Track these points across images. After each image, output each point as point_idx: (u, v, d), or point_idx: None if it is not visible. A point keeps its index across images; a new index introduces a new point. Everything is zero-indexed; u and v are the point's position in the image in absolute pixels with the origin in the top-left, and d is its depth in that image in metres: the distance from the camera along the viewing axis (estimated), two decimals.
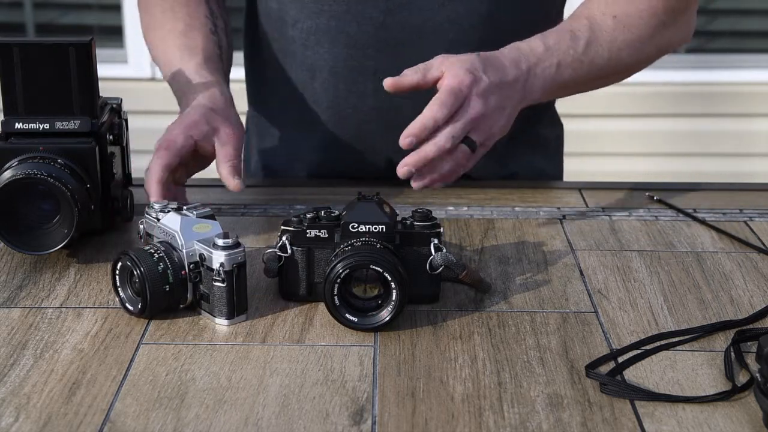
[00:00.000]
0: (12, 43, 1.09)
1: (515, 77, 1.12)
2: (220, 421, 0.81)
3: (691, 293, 1.04)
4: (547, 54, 1.15)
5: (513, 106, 1.13)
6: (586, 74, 1.21)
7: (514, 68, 1.12)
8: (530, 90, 1.14)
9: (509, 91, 1.11)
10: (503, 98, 1.10)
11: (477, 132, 1.09)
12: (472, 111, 1.07)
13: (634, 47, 1.23)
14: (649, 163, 3.39)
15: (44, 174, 1.05)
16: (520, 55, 1.14)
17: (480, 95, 1.07)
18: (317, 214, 1.00)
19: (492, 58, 1.12)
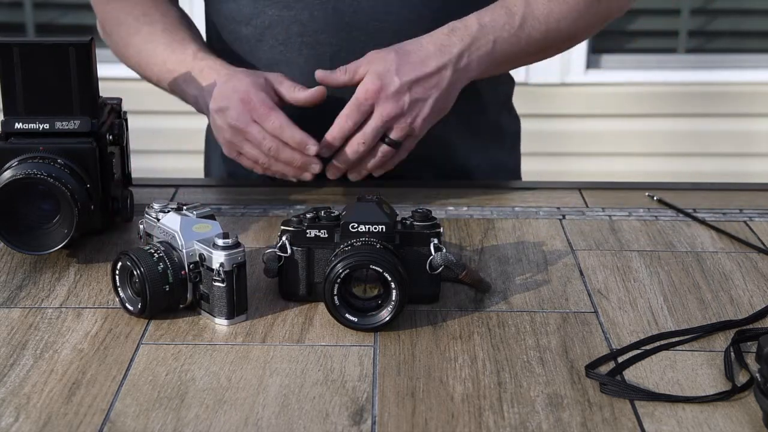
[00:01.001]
0: (12, 43, 1.09)
1: (440, 65, 1.18)
2: (220, 421, 0.81)
3: (691, 293, 1.04)
4: (482, 32, 1.20)
5: (441, 92, 1.19)
6: (523, 49, 1.24)
7: (439, 56, 1.18)
8: (464, 70, 1.20)
9: (431, 81, 1.18)
10: (423, 91, 1.18)
11: (395, 130, 1.19)
12: (383, 114, 1.17)
13: (571, 18, 1.25)
14: (649, 163, 3.39)
15: (44, 174, 1.05)
16: (453, 36, 1.19)
17: (390, 98, 1.17)
18: (317, 214, 1.00)
19: (413, 51, 1.18)
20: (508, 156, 1.49)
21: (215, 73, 1.24)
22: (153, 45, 1.30)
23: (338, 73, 1.21)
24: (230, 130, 1.20)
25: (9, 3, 3.43)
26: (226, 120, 1.19)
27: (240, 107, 1.18)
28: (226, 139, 1.22)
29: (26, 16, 3.39)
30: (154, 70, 1.30)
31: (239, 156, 1.23)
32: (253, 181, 1.38)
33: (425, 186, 1.35)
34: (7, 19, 3.44)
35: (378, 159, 1.22)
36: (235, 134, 1.20)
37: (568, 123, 3.36)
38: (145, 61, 1.31)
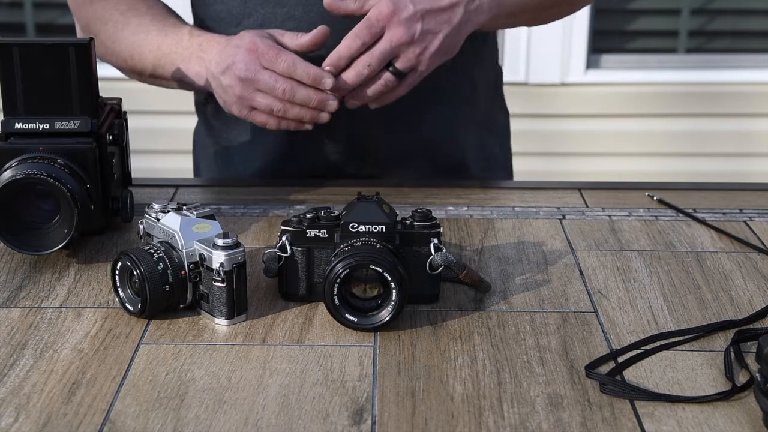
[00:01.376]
0: (12, 43, 1.09)
1: (452, 2, 1.18)
2: (220, 421, 0.81)
3: (691, 293, 1.04)
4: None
5: (453, 29, 1.18)
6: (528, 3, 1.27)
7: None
8: (476, 12, 1.20)
9: (444, 15, 1.17)
10: (435, 24, 1.17)
11: (402, 59, 1.17)
12: (392, 39, 1.15)
13: None
14: (649, 163, 3.39)
15: (44, 174, 1.05)
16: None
17: (402, 23, 1.15)
18: (317, 214, 1.00)
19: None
20: (499, 148, 1.51)
21: (215, 42, 1.22)
22: (144, 34, 1.29)
23: (348, 1, 1.18)
24: (240, 84, 1.17)
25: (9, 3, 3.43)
26: (234, 74, 1.17)
27: (247, 57, 1.16)
28: (236, 95, 1.18)
29: (26, 16, 3.39)
30: (149, 58, 1.28)
31: (251, 112, 1.19)
32: (253, 181, 1.38)
33: (425, 186, 1.35)
34: (7, 19, 3.44)
35: (379, 87, 1.19)
36: (245, 86, 1.17)
37: (568, 123, 3.36)
38: (138, 51, 1.29)
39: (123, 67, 1.34)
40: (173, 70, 1.27)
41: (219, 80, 1.20)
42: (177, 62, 1.25)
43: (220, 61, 1.19)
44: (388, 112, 1.27)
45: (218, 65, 1.19)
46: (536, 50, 3.29)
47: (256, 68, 1.15)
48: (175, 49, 1.25)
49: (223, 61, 1.18)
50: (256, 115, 1.19)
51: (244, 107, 1.19)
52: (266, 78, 1.15)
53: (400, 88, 1.21)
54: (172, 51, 1.26)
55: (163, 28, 1.28)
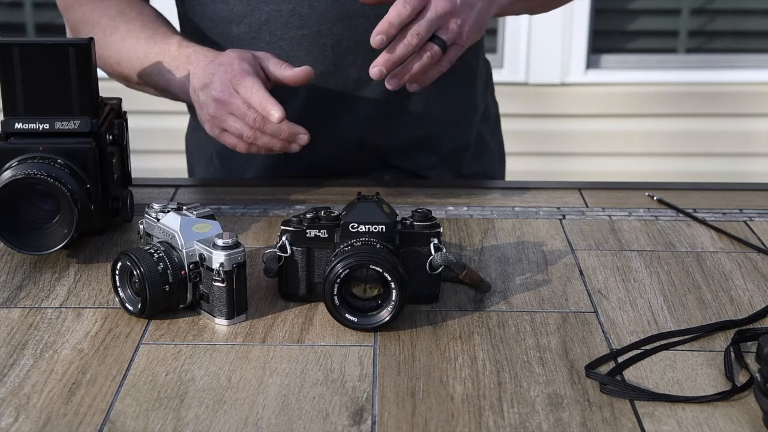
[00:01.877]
0: (12, 43, 1.09)
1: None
2: (220, 421, 0.81)
3: (690, 293, 1.04)
4: None
5: (485, 3, 1.18)
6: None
7: None
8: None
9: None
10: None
11: (445, 30, 1.14)
12: (437, 8, 1.13)
13: None
14: (649, 163, 3.39)
15: (44, 174, 1.05)
16: None
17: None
18: (317, 214, 1.00)
19: None
20: (491, 135, 1.52)
21: (202, 56, 1.22)
22: (133, 40, 1.28)
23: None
24: (213, 104, 1.16)
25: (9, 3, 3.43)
26: (210, 93, 1.16)
27: (223, 78, 1.15)
28: (209, 114, 1.17)
29: (26, 16, 3.39)
30: (135, 65, 1.28)
31: (222, 133, 1.18)
32: (253, 181, 1.38)
33: (425, 186, 1.35)
34: (7, 19, 3.44)
35: (425, 60, 1.14)
36: (219, 107, 1.16)
37: (568, 123, 3.36)
38: (126, 57, 1.29)
39: (110, 72, 1.34)
40: (159, 80, 1.26)
41: (198, 96, 1.19)
42: (163, 72, 1.25)
43: (201, 77, 1.18)
44: (393, 106, 1.27)
45: (199, 81, 1.18)
46: (536, 50, 3.29)
47: (230, 91, 1.14)
48: (162, 58, 1.25)
49: (204, 78, 1.18)
50: (227, 137, 1.18)
51: (216, 127, 1.18)
52: (239, 103, 1.14)
53: (442, 63, 1.17)
54: (159, 59, 1.25)
55: (152, 36, 1.27)
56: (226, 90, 1.14)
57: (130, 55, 1.28)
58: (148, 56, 1.26)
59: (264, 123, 1.14)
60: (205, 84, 1.17)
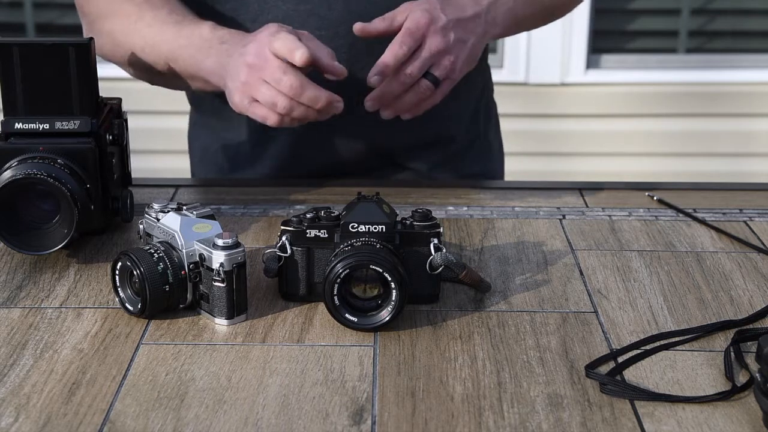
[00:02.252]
0: (12, 43, 1.09)
1: (475, 13, 1.22)
2: (220, 421, 0.81)
3: (691, 293, 1.04)
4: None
5: (477, 38, 1.23)
6: (536, 10, 1.33)
7: (473, 5, 1.23)
8: (492, 23, 1.25)
9: (470, 25, 1.22)
10: (464, 32, 1.21)
11: (438, 67, 1.19)
12: (431, 47, 1.18)
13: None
14: (649, 163, 3.39)
15: (44, 174, 1.05)
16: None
17: (438, 32, 1.18)
18: (317, 214, 1.00)
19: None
20: (494, 134, 1.54)
21: (238, 35, 1.17)
22: (160, 25, 1.24)
23: (376, 22, 1.20)
24: (246, 69, 1.10)
25: (9, 3, 3.43)
26: (243, 59, 1.11)
27: (259, 42, 1.10)
28: (240, 81, 1.11)
29: (26, 16, 3.39)
30: (164, 49, 1.23)
31: (252, 104, 1.12)
32: (253, 181, 1.38)
33: (425, 186, 1.35)
34: (7, 19, 3.43)
35: (418, 95, 1.20)
36: (251, 73, 1.10)
37: (568, 123, 3.36)
38: (152, 43, 1.24)
39: (134, 61, 1.28)
40: (188, 63, 1.22)
41: (229, 67, 1.14)
42: (194, 54, 1.20)
43: (236, 48, 1.14)
44: None
45: (234, 48, 1.14)
46: (536, 50, 3.29)
47: (266, 55, 1.09)
48: (193, 41, 1.20)
49: (239, 44, 1.14)
50: (257, 108, 1.12)
51: (246, 96, 1.12)
52: (274, 67, 1.09)
53: (435, 96, 1.22)
54: (189, 43, 1.20)
55: (180, 21, 1.24)
56: (261, 54, 1.09)
57: (157, 39, 1.24)
58: (177, 39, 1.22)
59: (301, 91, 1.09)
60: (240, 52, 1.13)
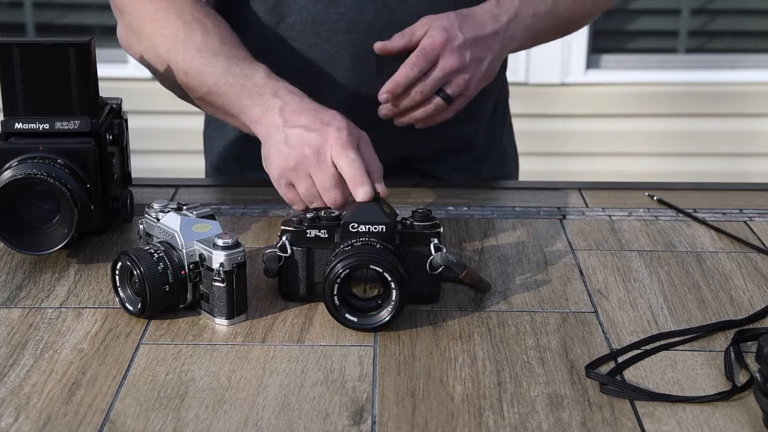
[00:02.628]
0: (12, 43, 1.09)
1: (494, 30, 1.23)
2: (220, 421, 0.81)
3: (691, 293, 1.04)
4: (524, 6, 1.27)
5: (494, 56, 1.25)
6: (555, 25, 1.34)
7: (492, 22, 1.24)
8: (510, 39, 1.26)
9: (488, 43, 1.23)
10: (481, 50, 1.23)
11: (452, 85, 1.22)
12: (445, 67, 1.20)
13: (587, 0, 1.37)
14: (649, 163, 3.39)
15: (44, 174, 1.05)
16: (500, 8, 1.25)
17: (454, 51, 1.20)
18: (317, 214, 1.00)
19: (470, 15, 1.23)
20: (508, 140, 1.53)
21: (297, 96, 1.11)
22: (210, 55, 1.17)
23: (395, 39, 1.23)
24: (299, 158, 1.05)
25: (9, 3, 3.43)
26: (302, 149, 1.05)
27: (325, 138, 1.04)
28: (288, 165, 1.06)
29: (26, 16, 3.39)
30: (208, 81, 1.17)
31: (288, 187, 1.08)
32: (253, 181, 1.38)
33: (425, 186, 1.35)
34: (7, 19, 3.43)
35: (429, 110, 1.23)
36: (301, 163, 1.05)
37: (568, 123, 3.36)
38: (197, 70, 1.18)
39: (170, 78, 1.22)
40: (232, 103, 1.15)
41: (279, 136, 1.07)
42: (241, 97, 1.14)
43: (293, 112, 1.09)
44: None
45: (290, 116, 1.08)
46: (536, 50, 3.27)
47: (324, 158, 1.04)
48: (244, 83, 1.14)
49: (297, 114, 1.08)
50: (289, 192, 1.09)
51: (285, 178, 1.08)
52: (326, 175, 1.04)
53: (448, 111, 1.25)
54: (238, 83, 1.14)
55: (233, 55, 1.17)
56: (321, 154, 1.04)
57: (204, 69, 1.17)
58: (225, 76, 1.15)
59: (338, 206, 1.05)
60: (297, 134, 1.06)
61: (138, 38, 1.25)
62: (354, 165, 1.02)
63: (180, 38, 1.20)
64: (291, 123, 1.07)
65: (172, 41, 1.20)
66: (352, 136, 1.05)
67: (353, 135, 1.05)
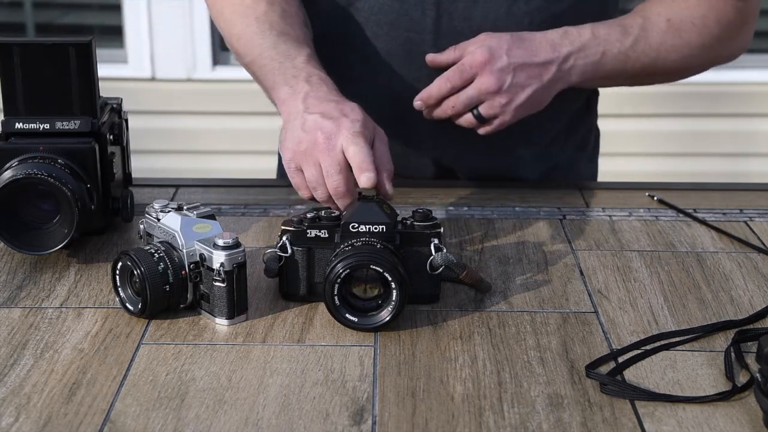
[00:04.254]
0: (12, 43, 1.09)
1: (548, 60, 1.20)
2: (220, 421, 0.81)
3: (691, 293, 1.04)
4: (594, 42, 1.23)
5: (541, 86, 1.21)
6: (627, 70, 1.27)
7: (549, 51, 1.21)
8: (567, 73, 1.22)
9: (536, 71, 1.20)
10: (527, 77, 1.20)
11: (486, 106, 1.21)
12: (480, 87, 1.19)
13: (681, 53, 1.27)
14: (649, 163, 3.39)
15: (44, 174, 1.05)
16: (565, 39, 1.22)
17: (493, 73, 1.19)
18: (317, 214, 1.00)
19: (527, 39, 1.21)
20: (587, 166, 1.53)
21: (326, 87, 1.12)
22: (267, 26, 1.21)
23: (447, 52, 1.22)
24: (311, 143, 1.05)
25: (9, 3, 3.43)
26: (315, 134, 1.05)
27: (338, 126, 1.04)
28: (299, 148, 1.06)
29: (26, 16, 3.39)
30: (254, 51, 1.20)
31: (296, 171, 1.08)
32: (253, 181, 1.38)
33: (425, 186, 1.35)
34: (7, 19, 3.44)
35: (462, 124, 1.24)
36: (311, 148, 1.05)
37: None
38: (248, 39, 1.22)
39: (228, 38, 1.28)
40: (267, 77, 1.17)
41: (298, 119, 1.08)
42: (276, 74, 1.15)
43: (316, 100, 1.09)
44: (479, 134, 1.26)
45: (312, 102, 1.09)
46: None
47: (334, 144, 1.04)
48: (284, 61, 1.16)
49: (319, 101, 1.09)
50: (296, 176, 1.08)
51: (294, 161, 1.08)
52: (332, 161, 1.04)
53: (486, 129, 1.24)
54: (278, 60, 1.16)
55: (285, 33, 1.20)
56: (331, 140, 1.04)
57: (255, 39, 1.21)
58: (270, 50, 1.18)
59: (342, 195, 1.04)
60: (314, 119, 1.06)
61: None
62: (361, 152, 1.02)
63: (245, 3, 1.25)
64: (311, 110, 1.08)
65: (239, 5, 1.25)
66: (367, 128, 1.06)
67: (368, 128, 1.06)
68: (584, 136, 1.46)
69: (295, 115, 1.09)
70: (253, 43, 1.21)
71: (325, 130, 1.04)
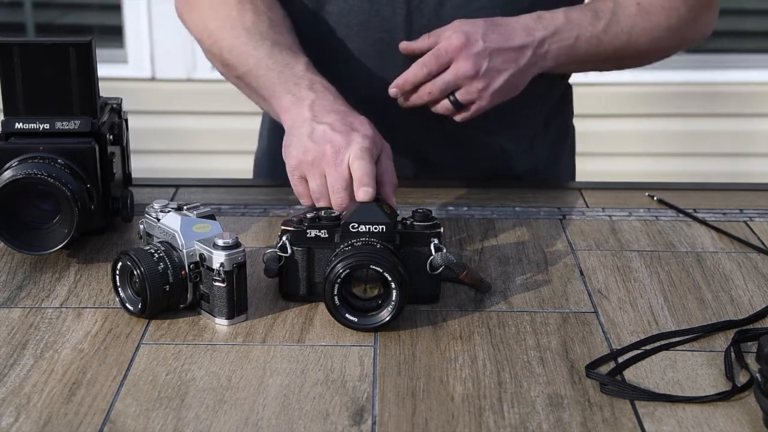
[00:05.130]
0: (12, 43, 1.09)
1: (523, 44, 1.20)
2: (220, 421, 0.81)
3: (691, 293, 1.04)
4: (567, 26, 1.23)
5: (518, 70, 1.20)
6: (602, 53, 1.27)
7: (524, 35, 1.20)
8: (542, 57, 1.22)
9: (512, 56, 1.19)
10: (503, 62, 1.19)
11: (463, 91, 1.19)
12: (457, 72, 1.18)
13: (651, 35, 1.29)
14: (649, 163, 3.38)
15: (44, 174, 1.05)
16: (539, 23, 1.22)
17: (469, 58, 1.17)
18: (317, 214, 1.00)
19: (501, 24, 1.20)
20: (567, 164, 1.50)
21: (330, 95, 1.12)
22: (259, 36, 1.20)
23: (422, 39, 1.21)
24: (318, 154, 1.04)
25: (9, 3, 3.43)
26: (324, 146, 1.04)
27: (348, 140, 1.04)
28: (306, 158, 1.05)
29: (26, 16, 3.39)
30: (249, 62, 1.19)
31: (300, 180, 1.07)
32: (253, 181, 1.38)
33: (425, 186, 1.35)
34: (7, 19, 3.44)
35: (439, 110, 1.22)
36: (318, 160, 1.04)
37: None
38: (240, 51, 1.21)
39: (213, 53, 1.26)
40: (265, 87, 1.17)
41: (303, 129, 1.07)
42: (276, 83, 1.15)
43: (322, 110, 1.09)
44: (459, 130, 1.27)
45: (318, 113, 1.08)
46: None
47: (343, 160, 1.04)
48: (283, 71, 1.15)
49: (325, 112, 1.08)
50: (300, 184, 1.08)
51: (299, 170, 1.07)
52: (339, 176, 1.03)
53: (462, 115, 1.22)
54: (277, 69, 1.16)
55: (279, 42, 1.20)
56: (339, 154, 1.03)
57: (247, 50, 1.20)
58: (266, 60, 1.18)
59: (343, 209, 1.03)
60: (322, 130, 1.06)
61: (190, 8, 1.29)
62: (364, 168, 1.02)
63: (231, 16, 1.23)
64: (319, 119, 1.08)
65: (224, 18, 1.24)
66: (375, 146, 1.06)
67: (376, 145, 1.06)
68: (563, 130, 1.46)
69: (301, 122, 1.08)
70: (247, 54, 1.20)
71: (335, 143, 1.04)
